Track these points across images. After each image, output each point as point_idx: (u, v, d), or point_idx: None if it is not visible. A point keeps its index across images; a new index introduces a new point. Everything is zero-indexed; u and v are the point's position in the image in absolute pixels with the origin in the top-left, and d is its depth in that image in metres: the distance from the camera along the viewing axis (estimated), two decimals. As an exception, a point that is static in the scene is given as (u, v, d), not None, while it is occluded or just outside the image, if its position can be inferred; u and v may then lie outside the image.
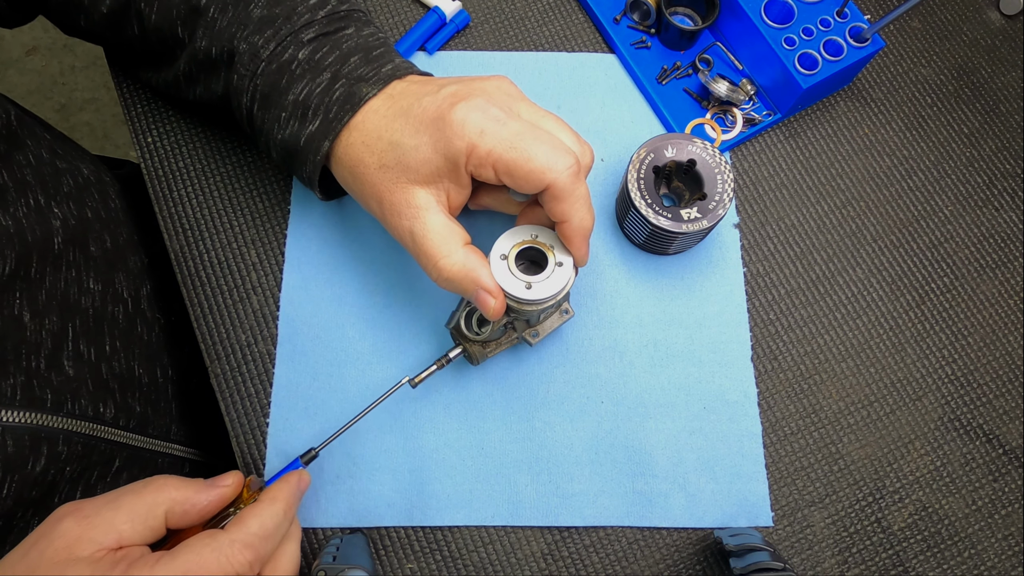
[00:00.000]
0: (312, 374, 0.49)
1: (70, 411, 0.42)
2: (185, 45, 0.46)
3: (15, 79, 1.52)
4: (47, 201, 0.44)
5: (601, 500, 0.47)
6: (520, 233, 0.42)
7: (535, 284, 0.41)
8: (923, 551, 0.48)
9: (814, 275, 0.53)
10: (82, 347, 0.44)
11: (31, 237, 0.42)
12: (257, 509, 0.37)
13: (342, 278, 0.51)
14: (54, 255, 0.44)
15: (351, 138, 0.42)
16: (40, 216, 0.43)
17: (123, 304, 0.49)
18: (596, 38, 0.57)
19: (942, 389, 0.51)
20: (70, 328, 0.44)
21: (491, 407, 0.49)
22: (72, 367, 0.43)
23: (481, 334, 0.44)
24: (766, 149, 0.55)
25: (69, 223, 0.46)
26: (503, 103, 0.40)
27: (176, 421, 0.53)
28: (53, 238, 0.44)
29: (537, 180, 0.38)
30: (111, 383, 0.46)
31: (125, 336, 0.49)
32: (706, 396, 0.49)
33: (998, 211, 0.55)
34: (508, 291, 0.41)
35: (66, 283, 0.44)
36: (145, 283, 0.53)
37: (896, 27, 0.59)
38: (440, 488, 0.47)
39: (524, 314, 0.43)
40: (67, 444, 0.41)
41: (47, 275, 0.43)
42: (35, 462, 0.39)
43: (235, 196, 0.53)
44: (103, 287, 0.48)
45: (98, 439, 0.44)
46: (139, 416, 0.48)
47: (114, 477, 0.45)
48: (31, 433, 0.39)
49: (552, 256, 0.42)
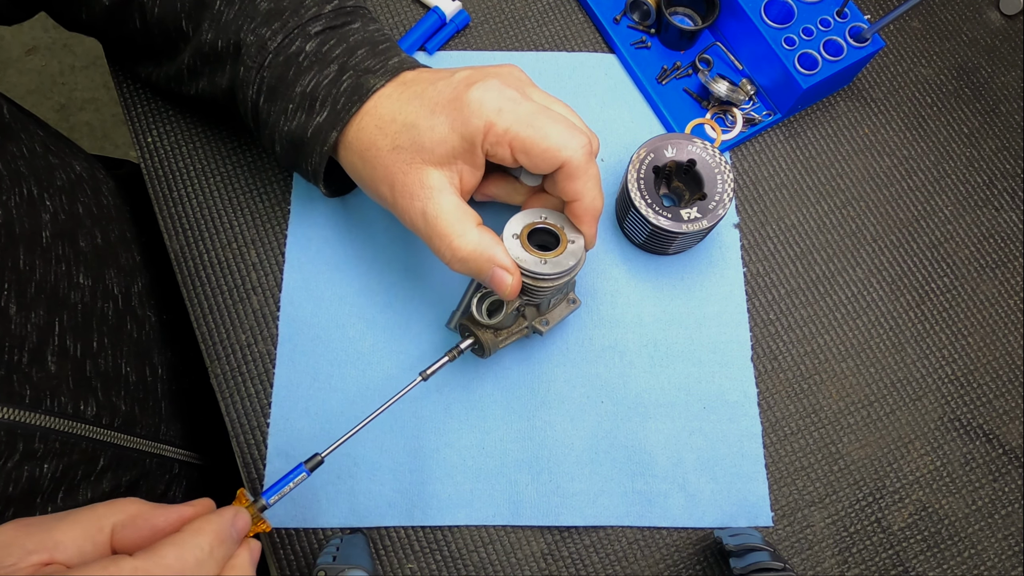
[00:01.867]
0: (313, 374, 0.49)
1: (48, 408, 0.41)
2: (190, 38, 0.46)
3: (15, 79, 1.52)
4: (39, 193, 0.44)
5: (601, 500, 0.47)
6: (529, 215, 0.44)
7: (551, 260, 0.42)
8: (923, 551, 0.48)
9: (814, 275, 0.53)
10: (68, 342, 0.44)
11: (19, 228, 0.41)
12: (178, 538, 0.31)
13: (342, 278, 0.51)
14: (43, 248, 0.43)
15: (363, 123, 0.42)
16: (31, 208, 0.43)
17: (113, 300, 0.49)
18: (596, 38, 0.57)
19: (942, 389, 0.51)
20: (57, 323, 0.43)
21: (491, 406, 0.49)
22: (55, 363, 0.42)
23: (493, 320, 0.44)
24: (766, 149, 0.55)
25: (59, 217, 0.45)
26: (516, 86, 0.41)
27: (166, 421, 0.53)
28: (42, 231, 0.43)
29: (553, 158, 0.39)
30: (94, 380, 0.45)
31: (114, 333, 0.48)
32: (706, 396, 0.49)
33: (998, 211, 0.55)
34: (524, 267, 0.41)
35: (56, 277, 0.44)
36: (137, 280, 0.52)
37: (896, 27, 0.59)
38: (441, 488, 0.47)
39: (537, 295, 0.43)
40: (43, 441, 0.40)
41: (37, 268, 0.42)
42: (8, 457, 0.38)
43: (235, 196, 0.53)
44: (93, 282, 0.47)
45: (78, 437, 0.43)
46: (124, 415, 0.48)
47: (98, 477, 0.45)
48: (6, 429, 0.38)
49: (563, 235, 0.43)
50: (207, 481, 0.58)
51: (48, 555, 0.30)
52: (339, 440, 0.41)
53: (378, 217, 0.52)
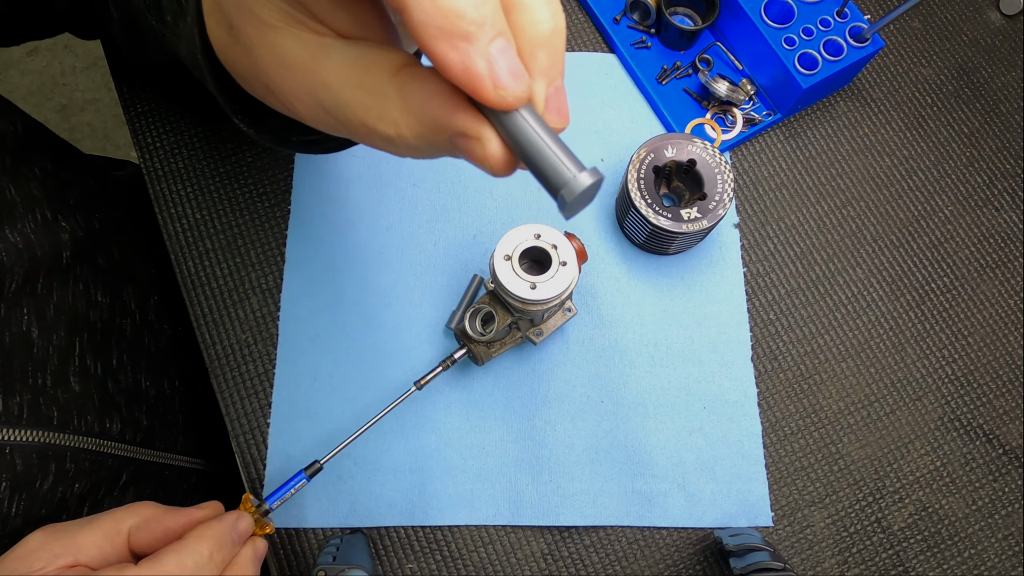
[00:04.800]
0: (313, 375, 0.49)
1: (76, 428, 0.41)
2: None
3: (16, 80, 1.52)
4: (54, 215, 0.44)
5: (601, 500, 0.47)
6: (522, 233, 0.42)
7: (540, 284, 0.41)
8: (923, 551, 0.47)
9: (814, 275, 0.53)
10: (88, 362, 0.44)
11: (40, 252, 0.41)
12: (178, 546, 0.34)
13: (342, 278, 0.51)
14: (62, 270, 0.43)
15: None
16: (48, 230, 0.43)
17: (131, 316, 0.49)
18: (596, 38, 0.58)
19: (942, 389, 0.51)
20: (77, 343, 0.43)
21: (492, 406, 0.49)
22: (78, 383, 0.43)
23: (486, 334, 0.44)
24: (766, 149, 0.55)
25: (77, 235, 0.45)
26: None
27: (183, 432, 0.53)
28: (62, 252, 0.43)
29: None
30: (117, 397, 0.46)
31: (132, 349, 0.49)
32: (706, 396, 0.49)
33: (998, 211, 0.55)
34: (513, 292, 0.41)
35: (74, 297, 0.44)
36: (153, 294, 0.53)
37: (896, 27, 0.59)
38: (441, 488, 0.47)
39: (529, 314, 0.43)
40: (75, 461, 0.41)
41: (55, 289, 0.43)
42: (43, 480, 0.39)
43: (235, 196, 0.53)
44: (111, 300, 0.47)
45: (105, 455, 0.43)
46: (146, 429, 0.48)
47: (121, 492, 0.45)
48: (39, 451, 0.38)
49: (556, 256, 0.42)
50: (222, 487, 0.58)
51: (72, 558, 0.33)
52: (337, 448, 0.43)
53: (379, 217, 0.52)
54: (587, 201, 0.23)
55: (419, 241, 0.52)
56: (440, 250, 0.52)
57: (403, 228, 0.52)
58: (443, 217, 0.52)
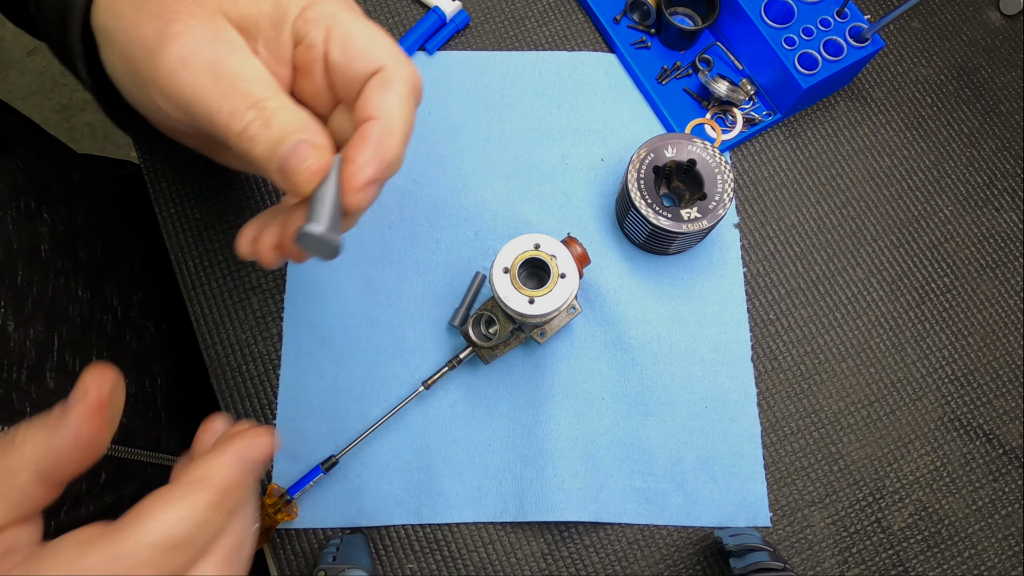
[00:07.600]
0: (318, 374, 0.49)
1: None
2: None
3: (16, 79, 1.52)
4: (37, 206, 0.44)
5: (601, 496, 0.47)
6: (522, 243, 0.42)
7: (538, 299, 0.41)
8: (923, 551, 0.48)
9: (814, 275, 0.53)
10: (67, 358, 0.43)
11: (17, 244, 0.41)
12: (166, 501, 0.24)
13: (346, 277, 0.51)
14: (41, 262, 0.43)
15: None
16: (28, 222, 0.42)
17: (112, 313, 0.49)
18: (596, 38, 0.58)
19: (942, 389, 0.51)
20: (55, 338, 0.42)
21: (497, 404, 0.49)
22: (54, 379, 0.42)
23: (490, 339, 0.44)
24: (766, 149, 0.55)
25: (58, 229, 0.45)
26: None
27: (167, 430, 0.53)
28: (40, 245, 0.43)
29: (373, 56, 0.32)
30: None
31: (113, 346, 0.48)
32: (707, 395, 0.49)
33: (998, 211, 0.55)
34: (512, 307, 0.41)
35: (54, 291, 0.43)
36: (136, 291, 0.52)
37: (896, 27, 0.59)
38: (448, 485, 0.47)
39: (528, 326, 0.43)
40: None
41: (35, 283, 0.42)
42: None
43: (235, 196, 0.53)
44: (92, 295, 0.47)
45: None
46: (124, 428, 0.47)
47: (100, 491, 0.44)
48: None
49: (555, 268, 0.42)
50: None
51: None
52: (351, 444, 0.45)
53: (380, 215, 0.52)
54: (322, 250, 0.30)
55: (421, 239, 0.52)
56: (442, 247, 0.52)
57: (404, 226, 0.52)
58: (444, 214, 0.52)
